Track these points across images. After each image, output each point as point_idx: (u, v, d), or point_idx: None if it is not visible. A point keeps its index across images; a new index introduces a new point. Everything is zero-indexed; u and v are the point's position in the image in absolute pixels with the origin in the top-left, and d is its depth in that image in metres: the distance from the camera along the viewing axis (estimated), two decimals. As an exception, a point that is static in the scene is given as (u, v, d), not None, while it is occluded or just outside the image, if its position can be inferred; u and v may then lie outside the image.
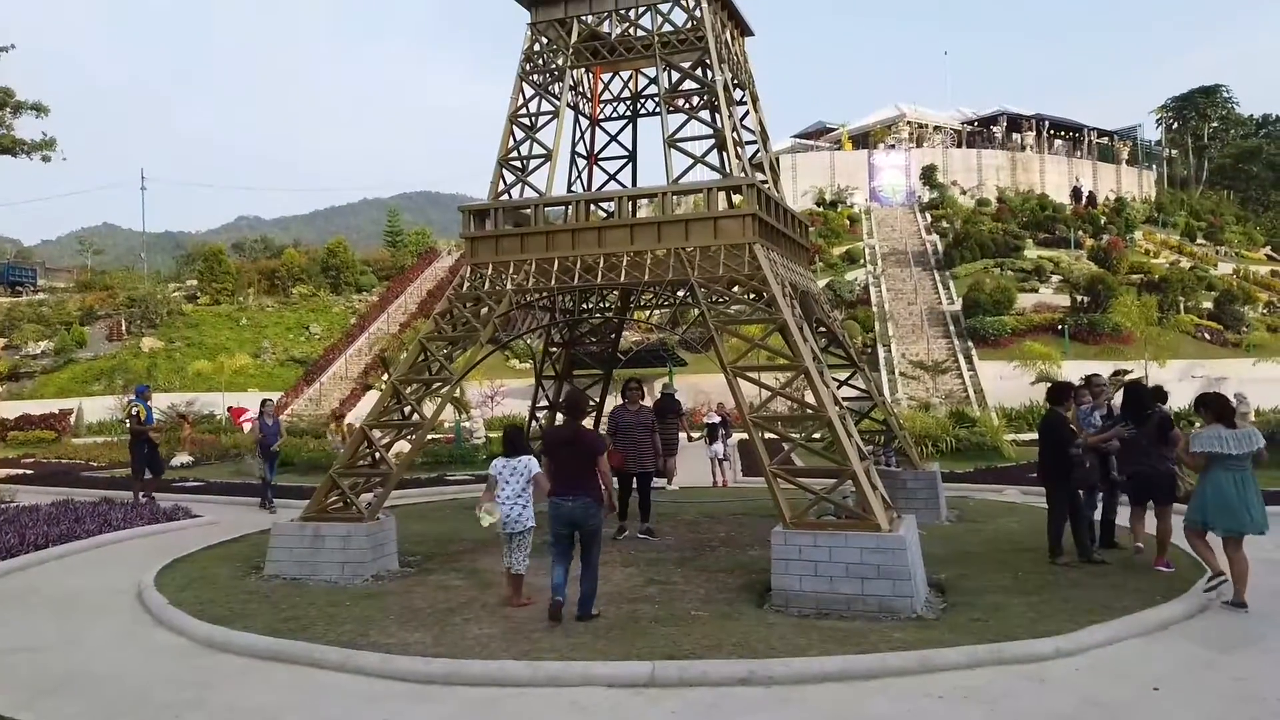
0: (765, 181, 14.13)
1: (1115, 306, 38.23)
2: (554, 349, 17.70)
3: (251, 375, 44.37)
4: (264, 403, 19.52)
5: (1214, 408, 9.00)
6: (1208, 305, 43.78)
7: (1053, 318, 40.54)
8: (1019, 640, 7.60)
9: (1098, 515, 11.69)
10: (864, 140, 71.01)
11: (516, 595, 9.45)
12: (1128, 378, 21.48)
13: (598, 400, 17.46)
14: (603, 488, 8.87)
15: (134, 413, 18.35)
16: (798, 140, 75.40)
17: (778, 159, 53.47)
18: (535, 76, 14.25)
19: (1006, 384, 34.28)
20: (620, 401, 14.05)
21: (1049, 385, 11.90)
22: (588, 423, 11.13)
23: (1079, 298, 42.18)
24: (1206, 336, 40.45)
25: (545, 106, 14.33)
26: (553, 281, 12.39)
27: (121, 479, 22.23)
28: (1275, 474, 17.53)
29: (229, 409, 36.93)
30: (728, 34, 14.93)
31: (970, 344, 39.28)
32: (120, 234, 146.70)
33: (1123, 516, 11.66)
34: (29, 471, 26.72)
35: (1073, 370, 28.33)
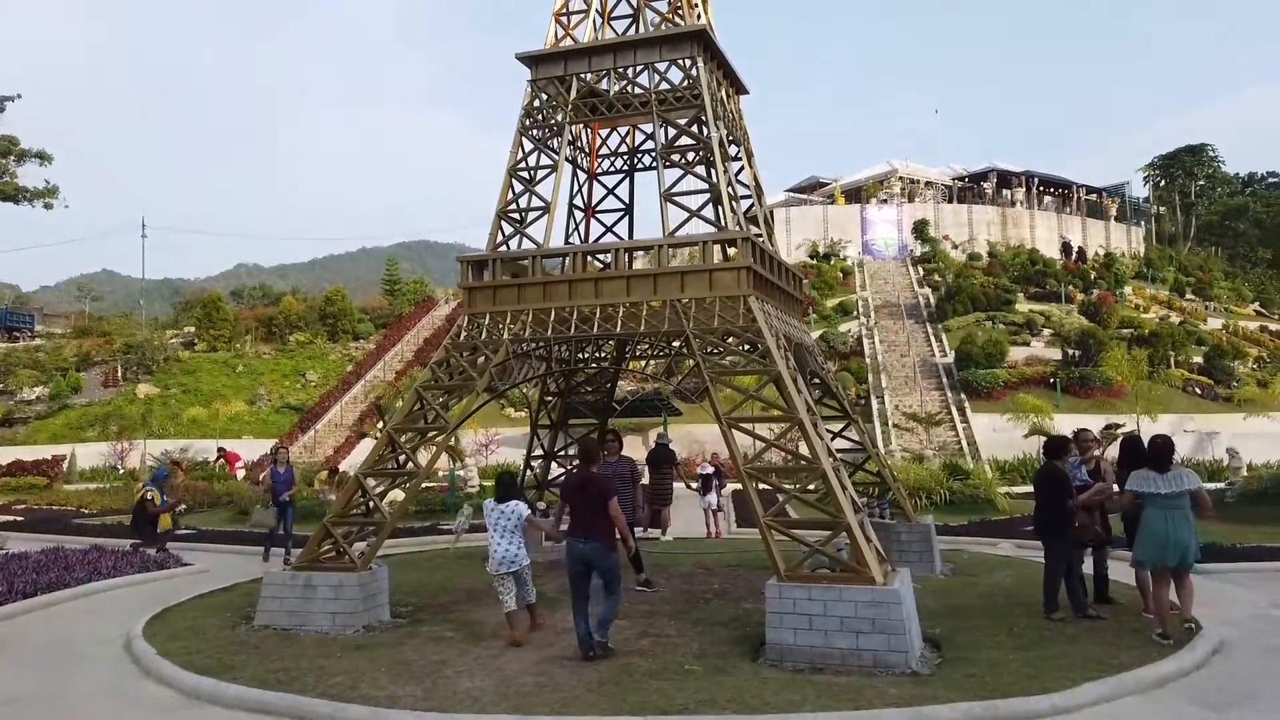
0: (760, 235, 14.34)
1: (1106, 360, 38.47)
2: (550, 398, 17.77)
3: (246, 422, 44.25)
4: (276, 448, 19.01)
5: (1139, 451, 9.95)
6: (1198, 360, 44.07)
7: (1044, 371, 40.74)
8: (1015, 697, 7.58)
9: (1090, 569, 11.68)
10: (857, 195, 71.91)
11: (531, 625, 10.15)
12: (1120, 431, 21.55)
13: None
14: (617, 530, 9.49)
15: (149, 497, 17.99)
16: (791, 194, 76.36)
17: (772, 212, 54.13)
18: (535, 131, 14.52)
19: (999, 436, 34.35)
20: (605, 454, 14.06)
21: (1046, 439, 11.98)
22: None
23: (1070, 351, 42.46)
24: (1197, 391, 40.66)
25: (544, 160, 14.59)
26: (549, 331, 12.51)
27: (112, 525, 22.10)
28: (1272, 529, 17.59)
29: (219, 449, 36.76)
30: (723, 92, 15.25)
31: (963, 396, 39.41)
32: (119, 280, 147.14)
33: (1118, 571, 11.67)
34: (20, 518, 26.51)
35: (1065, 423, 28.43)
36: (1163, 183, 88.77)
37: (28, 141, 52.79)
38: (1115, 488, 10.98)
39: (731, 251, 12.53)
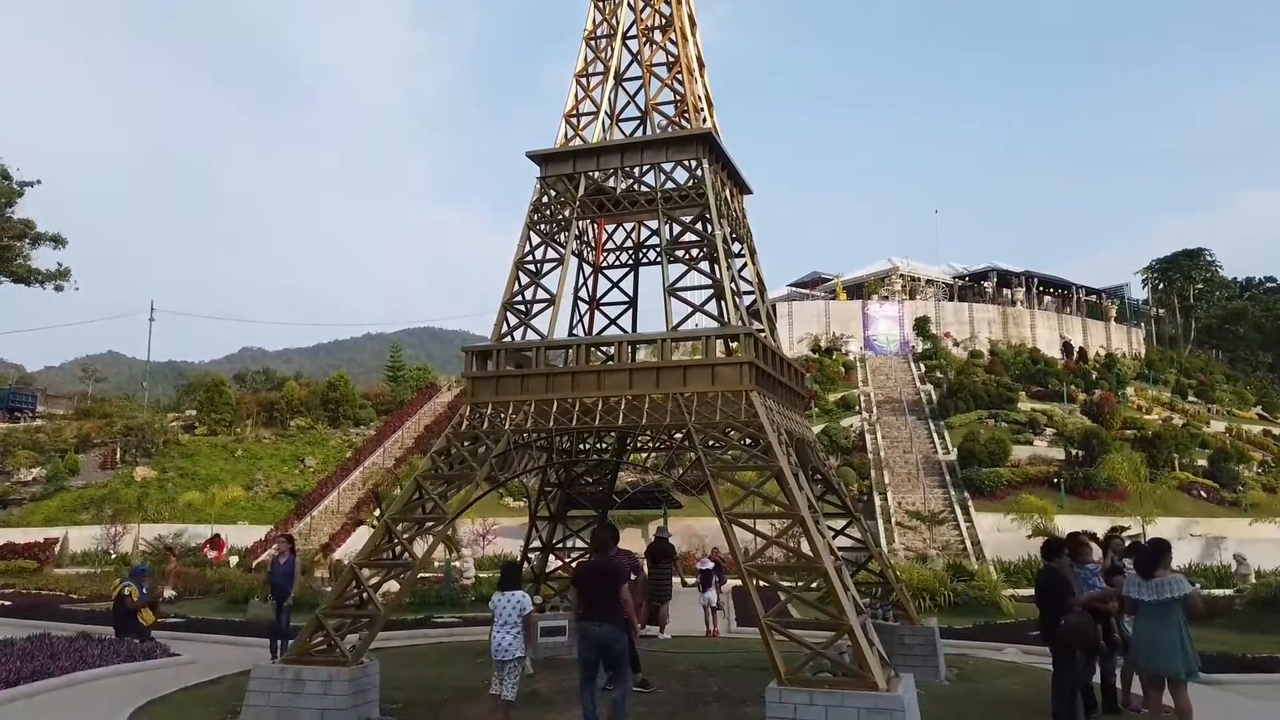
0: (762, 330, 14.48)
1: (1108, 462, 38.26)
2: (549, 489, 17.66)
3: (242, 508, 43.84)
4: (280, 538, 18.25)
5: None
6: (1202, 463, 43.83)
7: (1048, 471, 40.49)
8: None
9: (1097, 678, 11.41)
10: (858, 291, 72.72)
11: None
12: (1126, 535, 21.29)
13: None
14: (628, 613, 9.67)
15: (125, 593, 17.53)
16: (793, 289, 77.23)
17: (774, 306, 54.66)
18: (542, 226, 14.83)
19: (1004, 537, 33.94)
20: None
21: (1044, 541, 11.75)
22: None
23: (1073, 451, 42.27)
24: (1202, 494, 40.32)
25: (550, 254, 14.85)
26: (551, 422, 12.52)
27: (101, 613, 21.70)
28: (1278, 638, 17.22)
29: (215, 536, 36.35)
30: (727, 192, 15.61)
31: (966, 495, 39.08)
32: (124, 362, 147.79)
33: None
34: (7, 603, 26.05)
35: (1069, 525, 28.12)
36: (1161, 285, 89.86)
37: (41, 220, 53.83)
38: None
39: (734, 346, 12.64)
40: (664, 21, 16.32)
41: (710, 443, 11.79)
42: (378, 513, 33.04)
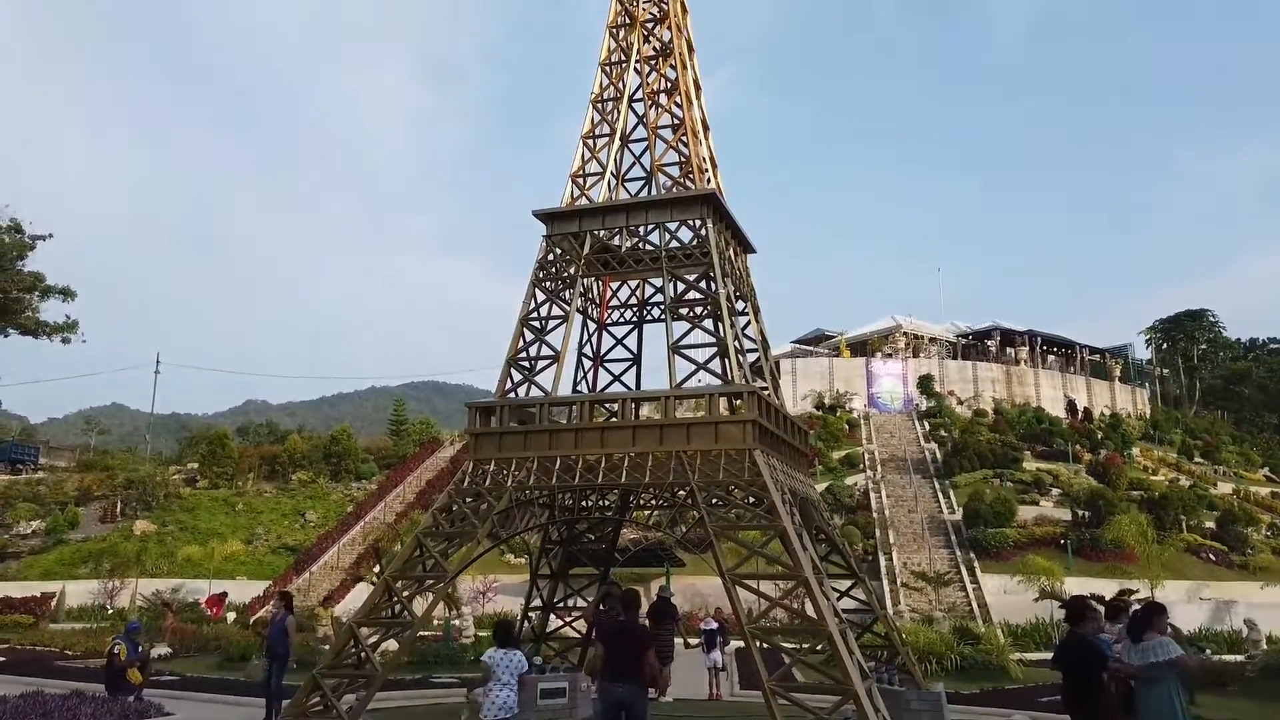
0: (765, 388, 14.51)
1: (1115, 523, 37.91)
2: (551, 546, 17.52)
3: (241, 562, 43.50)
4: (279, 595, 17.88)
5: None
6: (1210, 525, 43.39)
7: (1054, 531, 40.11)
8: None
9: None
10: (862, 348, 72.84)
11: None
12: (1133, 598, 21.02)
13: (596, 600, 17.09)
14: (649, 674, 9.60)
15: (115, 651, 17.27)
16: (797, 345, 77.36)
17: (778, 363, 54.69)
18: (548, 283, 14.96)
19: (1011, 599, 33.49)
20: (602, 608, 13.76)
21: (1065, 604, 10.88)
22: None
23: (1080, 512, 41.92)
24: (1211, 557, 39.85)
25: (555, 311, 14.96)
26: (554, 480, 12.49)
27: (95, 669, 21.40)
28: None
29: (221, 593, 36.03)
30: (731, 251, 15.77)
31: (972, 555, 38.67)
32: (128, 414, 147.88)
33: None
34: (2, 659, 25.73)
35: (1076, 587, 27.79)
36: (1165, 345, 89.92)
37: (48, 269, 54.30)
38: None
39: (737, 404, 12.65)
40: (669, 86, 16.66)
41: (714, 501, 11.75)
42: (377, 569, 32.75)
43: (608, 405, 14.53)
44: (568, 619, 17.16)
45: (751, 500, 11.56)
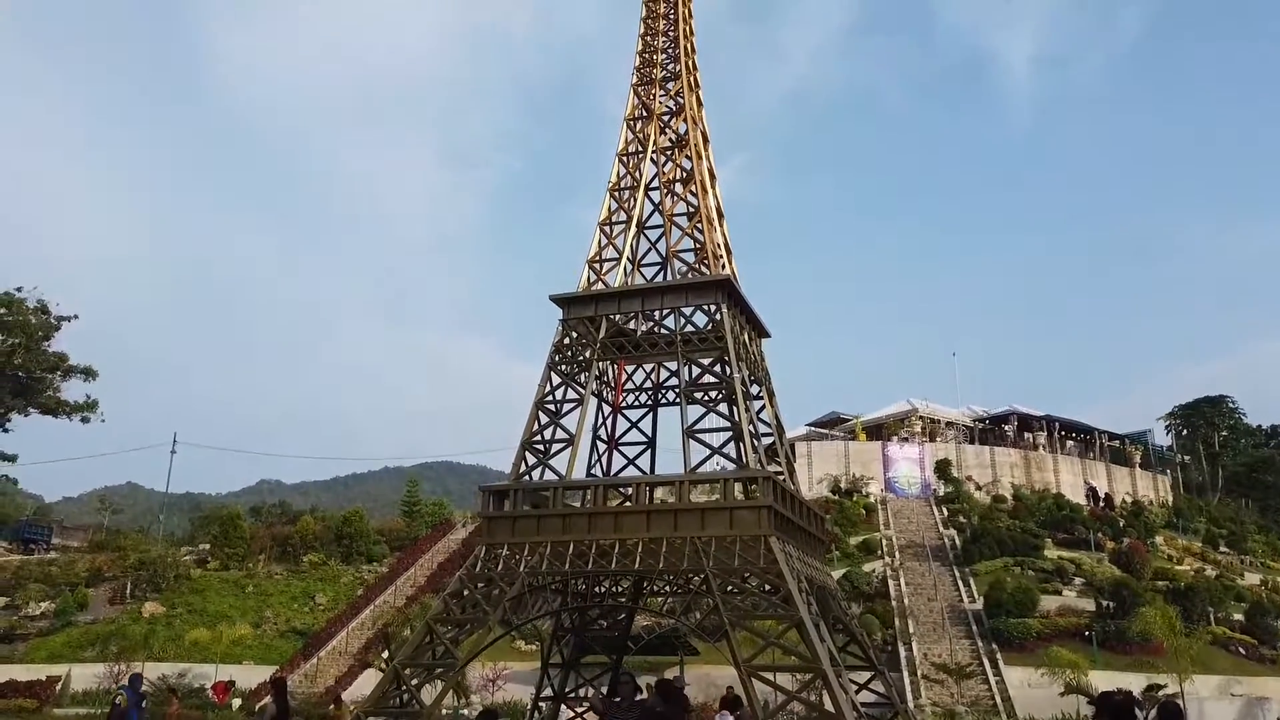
0: (781, 473, 14.43)
1: (1141, 615, 36.97)
2: (563, 633, 17.24)
3: (249, 646, 42.88)
4: (271, 683, 17.63)
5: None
6: (1238, 617, 42.24)
7: (1078, 622, 39.12)
8: None
9: None
10: (878, 431, 72.37)
11: None
12: (1161, 694, 20.39)
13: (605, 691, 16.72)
14: None
15: (116, 701, 17.45)
16: (812, 428, 76.99)
17: (793, 446, 54.33)
18: (563, 366, 15.07)
19: (1035, 693, 32.49)
20: (614, 697, 13.47)
21: (1109, 700, 10.12)
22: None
23: (1104, 602, 40.94)
24: (1241, 651, 38.68)
25: (570, 394, 15.04)
26: (567, 565, 12.37)
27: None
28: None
29: (229, 681, 35.46)
30: (746, 335, 15.88)
31: (995, 647, 37.68)
32: (142, 493, 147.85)
33: None
34: (1, 745, 25.28)
35: (1103, 681, 26.98)
36: (1185, 432, 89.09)
37: (68, 346, 55.10)
38: None
39: (752, 489, 12.57)
40: (685, 175, 17.03)
41: (729, 588, 11.59)
42: (386, 654, 32.20)
43: (622, 489, 14.46)
44: (578, 709, 16.78)
45: (767, 588, 11.39)
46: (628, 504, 13.07)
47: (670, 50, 19.19)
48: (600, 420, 17.48)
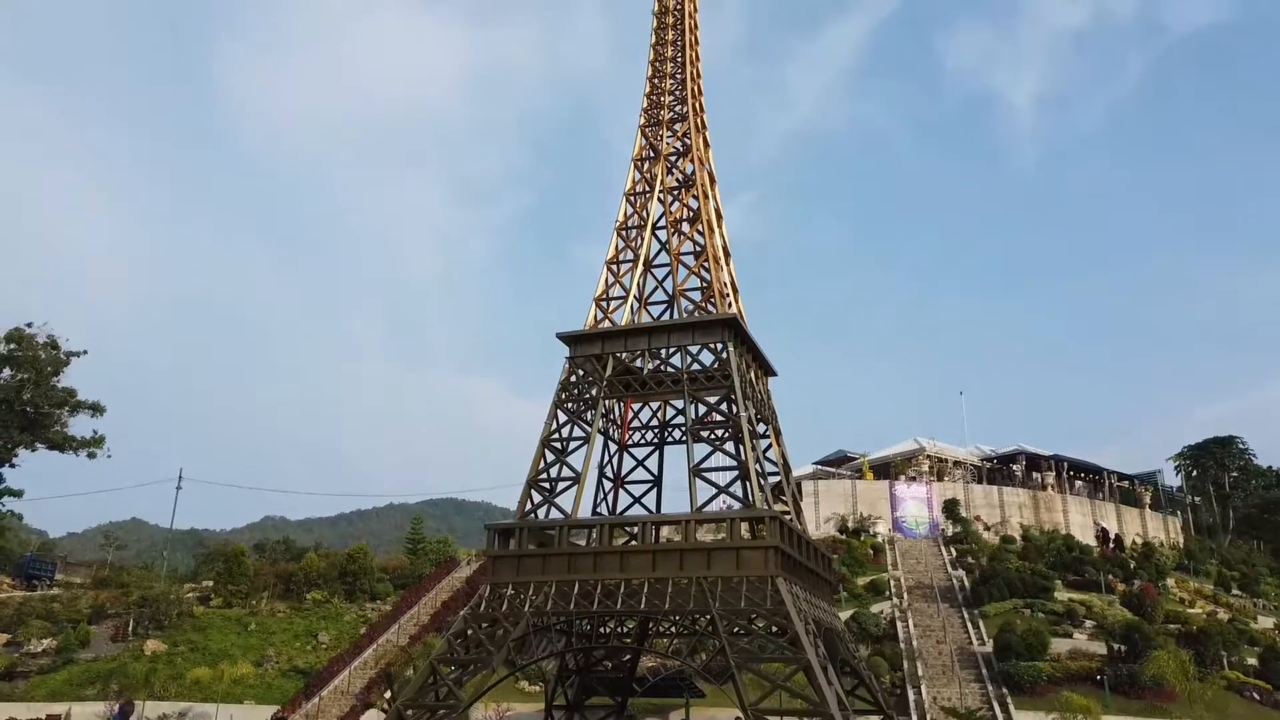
0: (788, 513, 14.36)
1: (1154, 658, 36.44)
2: (567, 674, 17.08)
3: (250, 686, 42.46)
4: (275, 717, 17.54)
5: None
6: (1252, 661, 41.58)
7: (1090, 666, 38.55)
8: None
9: None
10: (885, 470, 71.98)
11: None
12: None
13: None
14: None
15: None
16: (819, 467, 76.61)
17: (799, 485, 54.04)
18: (570, 404, 15.08)
19: (1047, 739, 31.98)
20: None
21: None
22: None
23: (1116, 646, 40.38)
24: (1255, 696, 38.03)
25: (577, 432, 15.04)
26: (572, 605, 12.28)
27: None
28: None
29: None
30: (752, 374, 15.89)
31: (1005, 690, 37.12)
32: (146, 529, 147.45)
33: None
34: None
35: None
36: (1194, 472, 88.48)
37: (74, 381, 55.31)
38: None
39: (759, 529, 12.50)
40: (692, 214, 17.15)
41: (735, 630, 11.49)
42: (389, 695, 31.86)
43: (628, 528, 14.38)
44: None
45: (775, 630, 11.29)
46: (633, 543, 13.01)
47: (677, 92, 19.45)
48: (606, 458, 17.48)
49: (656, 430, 18.01)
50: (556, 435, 14.64)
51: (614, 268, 16.69)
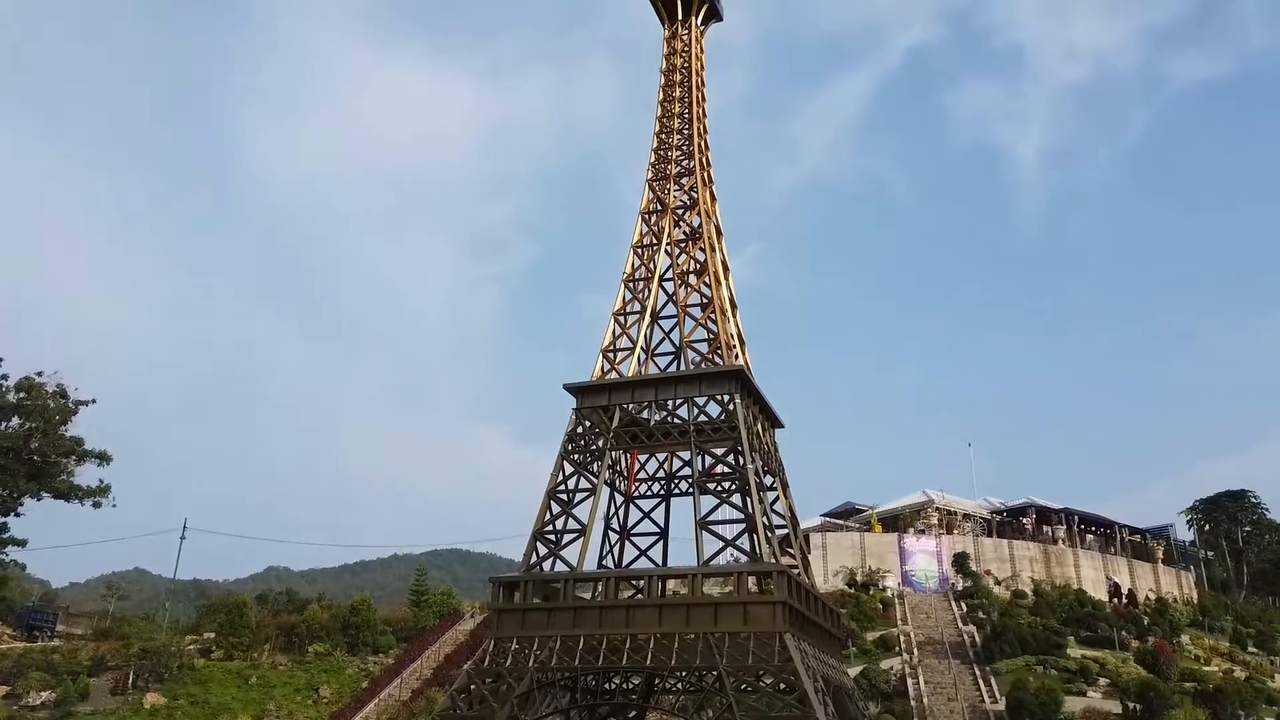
0: (795, 567, 14.22)
1: (1170, 718, 35.67)
2: (572, 733, 16.77)
3: (249, 741, 41.82)
4: None
5: None
6: (1272, 720, 40.74)
7: (1106, 726, 37.78)
8: None
9: None
10: (894, 523, 71.33)
11: None
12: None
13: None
14: None
15: None
16: (827, 519, 75.96)
17: (807, 538, 53.47)
18: (576, 456, 15.05)
19: (1063, 801, 31.21)
20: None
21: None
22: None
23: (1131, 705, 39.60)
24: (1278, 757, 37.17)
25: (583, 483, 14.99)
26: (577, 660, 12.13)
27: None
28: None
29: None
30: (759, 426, 15.85)
31: (1019, 751, 36.36)
32: (149, 579, 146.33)
33: None
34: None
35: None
36: (1207, 527, 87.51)
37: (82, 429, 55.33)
38: None
39: (767, 584, 12.38)
40: (699, 267, 17.27)
41: (742, 686, 11.32)
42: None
43: (634, 581, 14.25)
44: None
45: (782, 687, 11.11)
46: (639, 597, 12.88)
47: (684, 147, 19.74)
48: (612, 510, 17.38)
49: (663, 482, 17.93)
50: (562, 486, 14.60)
51: (621, 319, 16.76)
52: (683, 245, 17.65)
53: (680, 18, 30.37)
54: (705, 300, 17.01)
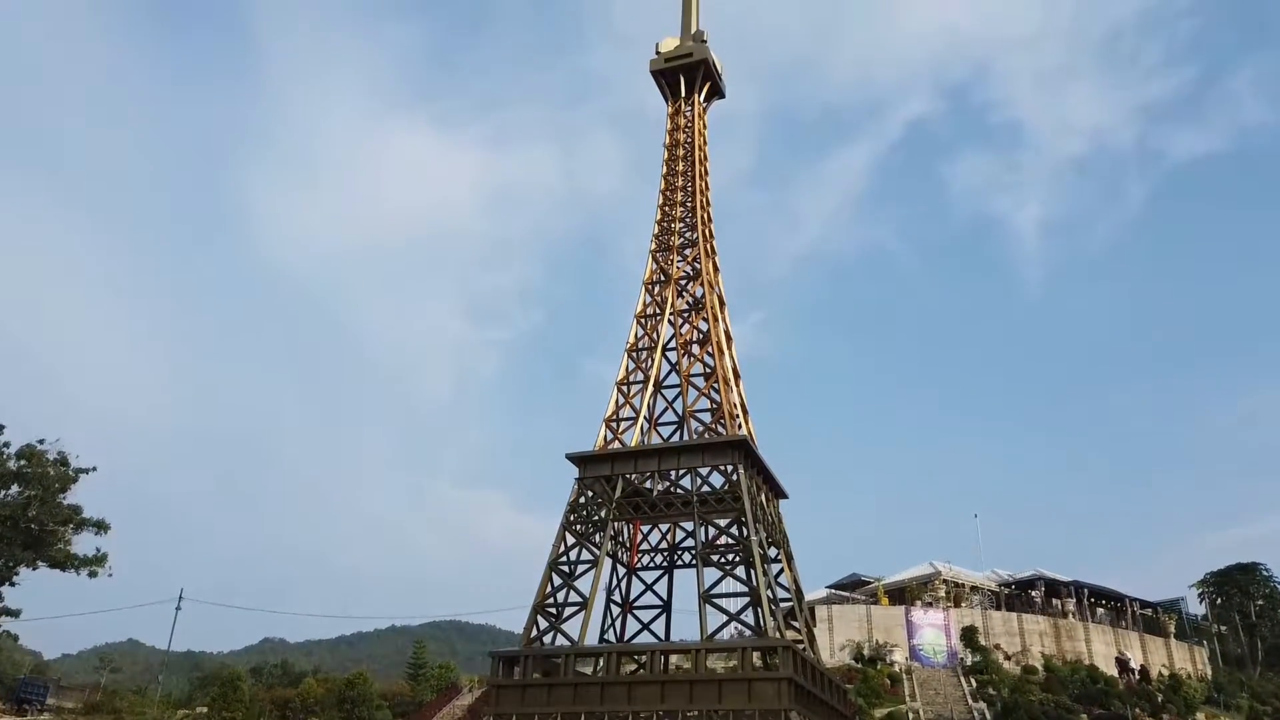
0: (800, 642, 13.96)
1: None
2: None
3: (239, 821, 40.61)
4: None
5: None
6: (1296, 804, 39.49)
7: (1123, 808, 36.63)
8: None
9: None
10: (900, 595, 70.17)
11: None
12: None
13: None
14: None
15: None
16: (833, 591, 74.80)
17: (812, 610, 52.58)
18: (578, 526, 14.91)
19: None
20: None
21: None
22: None
23: (1149, 786, 38.47)
24: (1302, 843, 35.93)
25: (585, 555, 14.81)
26: (578, 740, 11.82)
27: None
28: None
29: None
30: (763, 496, 15.73)
31: (1033, 834, 35.17)
32: (143, 651, 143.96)
33: None
34: None
35: None
36: (1219, 600, 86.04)
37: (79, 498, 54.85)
38: None
39: (771, 660, 12.13)
40: (702, 336, 17.34)
41: (747, 768, 11.01)
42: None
43: (636, 655, 13.98)
44: None
45: (788, 768, 10.81)
46: (641, 672, 12.63)
47: (687, 219, 20.00)
48: (615, 582, 17.14)
49: (666, 553, 17.74)
50: (564, 558, 14.44)
51: (624, 389, 16.77)
52: (686, 315, 17.75)
53: (684, 95, 31.09)
54: (708, 370, 17.04)
